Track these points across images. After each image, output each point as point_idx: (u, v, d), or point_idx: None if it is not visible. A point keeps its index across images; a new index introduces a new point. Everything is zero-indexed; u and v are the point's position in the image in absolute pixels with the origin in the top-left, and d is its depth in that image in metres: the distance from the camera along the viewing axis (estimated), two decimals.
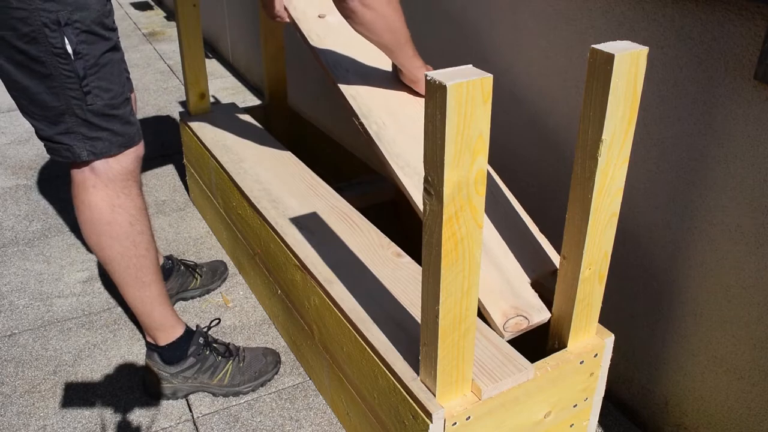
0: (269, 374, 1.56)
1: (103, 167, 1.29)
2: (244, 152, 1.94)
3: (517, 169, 1.65)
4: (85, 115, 1.23)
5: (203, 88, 2.17)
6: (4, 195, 2.42)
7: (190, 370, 1.50)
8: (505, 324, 1.13)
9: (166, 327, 1.48)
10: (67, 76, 1.19)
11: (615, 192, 1.04)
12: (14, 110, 3.19)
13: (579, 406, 1.24)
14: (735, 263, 1.16)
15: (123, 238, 1.34)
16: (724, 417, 1.26)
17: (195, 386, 1.52)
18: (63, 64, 1.17)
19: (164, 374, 1.50)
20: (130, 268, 1.38)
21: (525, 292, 1.19)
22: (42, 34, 1.14)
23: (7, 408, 1.50)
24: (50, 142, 1.26)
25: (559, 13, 1.40)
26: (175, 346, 1.49)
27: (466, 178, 0.87)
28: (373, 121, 1.31)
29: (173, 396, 1.52)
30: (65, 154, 1.27)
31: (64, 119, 1.23)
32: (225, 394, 1.52)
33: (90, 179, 1.30)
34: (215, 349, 1.53)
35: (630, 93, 0.95)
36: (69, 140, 1.25)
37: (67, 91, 1.20)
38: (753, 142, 1.08)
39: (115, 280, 1.41)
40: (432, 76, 0.81)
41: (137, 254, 1.37)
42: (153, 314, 1.45)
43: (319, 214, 1.60)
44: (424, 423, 1.05)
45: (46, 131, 1.25)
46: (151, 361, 1.51)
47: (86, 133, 1.25)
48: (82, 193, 1.31)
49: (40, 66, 1.17)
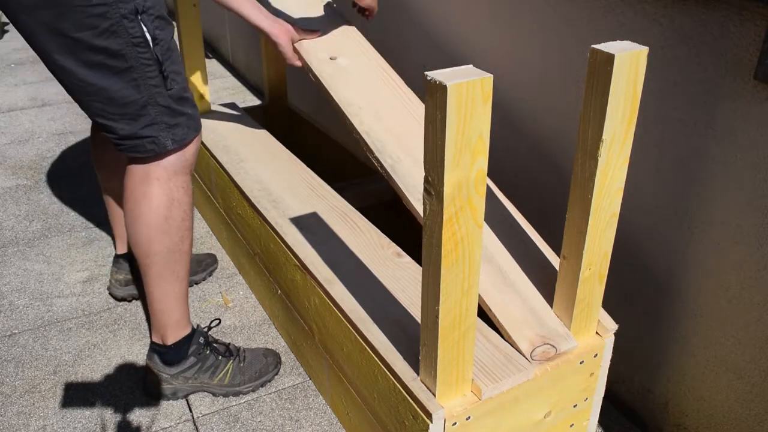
0: (270, 374, 1.56)
1: (170, 160, 1.31)
2: (244, 152, 1.94)
3: (518, 169, 1.65)
4: (167, 102, 1.25)
5: (203, 88, 2.17)
6: (4, 195, 2.42)
7: (190, 370, 1.50)
8: (533, 352, 1.13)
9: (180, 325, 1.47)
10: (147, 65, 1.21)
11: (615, 192, 1.04)
12: (14, 110, 3.20)
13: (579, 406, 1.24)
14: (735, 263, 1.16)
15: (174, 233, 1.35)
16: (724, 417, 1.26)
17: (195, 386, 1.52)
18: (142, 53, 1.20)
19: (165, 375, 1.49)
20: (170, 262, 1.38)
21: (550, 321, 1.18)
22: (121, 26, 1.16)
23: (7, 408, 1.50)
24: (132, 140, 1.27)
25: (559, 13, 1.40)
26: (177, 347, 1.48)
27: (466, 178, 0.87)
28: (388, 155, 1.35)
29: (173, 396, 1.51)
30: (150, 147, 1.27)
31: (147, 111, 1.24)
32: (225, 394, 1.52)
33: (155, 171, 1.31)
34: (215, 349, 1.53)
35: (630, 93, 0.95)
36: (153, 132, 1.26)
37: (148, 81, 1.22)
38: (753, 142, 1.08)
39: (150, 275, 1.39)
40: (432, 76, 0.81)
41: (182, 250, 1.38)
42: (174, 311, 1.44)
43: (319, 214, 1.60)
44: (424, 423, 1.05)
45: (127, 129, 1.25)
46: (151, 363, 1.50)
47: (168, 121, 1.27)
48: (144, 184, 1.31)
49: (119, 61, 1.19)
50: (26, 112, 3.20)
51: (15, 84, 3.56)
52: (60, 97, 3.34)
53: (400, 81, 1.59)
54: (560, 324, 1.18)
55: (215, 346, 1.54)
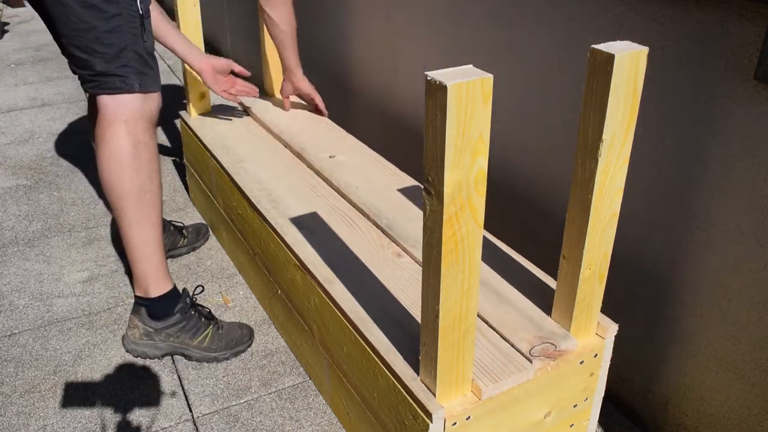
0: (243, 345, 1.63)
1: (135, 104, 1.45)
2: (244, 152, 1.94)
3: (517, 169, 1.65)
4: (141, 51, 1.43)
5: (203, 88, 2.17)
6: (4, 195, 2.42)
7: (174, 328, 1.57)
8: (532, 350, 1.13)
9: (160, 277, 1.55)
10: (132, 16, 1.39)
11: (615, 192, 1.04)
12: (14, 110, 3.20)
13: (579, 406, 1.24)
14: (735, 263, 1.16)
15: (143, 171, 1.46)
16: (724, 417, 1.26)
17: (175, 346, 1.58)
18: (131, 5, 1.39)
19: (149, 329, 1.56)
20: (143, 203, 1.47)
21: (547, 325, 1.20)
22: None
23: (7, 408, 1.50)
24: (104, 76, 1.41)
25: (559, 12, 1.40)
26: (164, 301, 1.55)
27: (467, 178, 0.87)
28: (384, 216, 1.56)
29: (152, 353, 1.57)
30: (119, 84, 1.42)
31: (124, 54, 1.41)
32: (200, 358, 1.58)
33: (122, 114, 1.44)
34: (200, 311, 1.62)
35: (630, 93, 0.95)
36: (125, 72, 1.42)
37: (131, 29, 1.40)
38: (753, 142, 1.08)
39: (125, 218, 1.48)
40: (432, 76, 0.81)
41: (152, 190, 1.48)
42: (153, 258, 1.52)
43: (319, 214, 1.60)
44: (424, 423, 1.05)
45: (103, 66, 1.40)
46: (137, 316, 1.56)
47: (139, 68, 1.43)
48: (113, 126, 1.44)
49: (112, 6, 1.36)
50: (26, 112, 3.20)
51: (15, 84, 3.56)
52: (60, 97, 3.34)
53: (393, 167, 1.82)
54: (558, 326, 1.19)
55: (199, 308, 1.63)
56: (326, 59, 2.60)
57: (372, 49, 2.21)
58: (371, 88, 2.30)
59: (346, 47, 2.42)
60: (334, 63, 2.55)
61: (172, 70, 3.76)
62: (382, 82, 2.20)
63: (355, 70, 2.39)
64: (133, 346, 1.57)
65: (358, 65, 2.36)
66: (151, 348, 1.57)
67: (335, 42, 2.49)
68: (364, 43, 2.28)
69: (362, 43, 2.29)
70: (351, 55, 2.40)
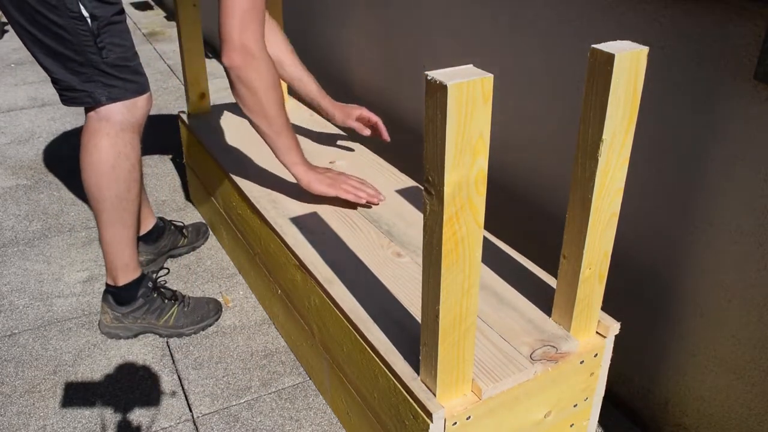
0: (210, 319, 1.74)
1: (117, 118, 1.49)
2: (244, 152, 1.94)
3: (517, 169, 1.65)
4: (102, 67, 1.44)
5: (203, 88, 2.17)
6: (4, 195, 2.42)
7: (139, 311, 1.67)
8: (533, 354, 1.13)
9: (129, 268, 1.64)
10: (84, 36, 1.40)
11: (615, 192, 1.04)
12: (14, 110, 3.20)
13: (579, 406, 1.24)
14: (735, 263, 1.17)
15: (121, 182, 1.53)
16: (724, 417, 1.26)
17: (144, 326, 1.69)
18: (80, 25, 1.39)
19: (117, 314, 1.67)
20: (119, 209, 1.56)
21: (548, 326, 1.20)
22: (62, 3, 1.35)
23: (7, 408, 1.50)
24: (73, 91, 1.46)
25: (560, 12, 1.40)
26: (128, 288, 1.66)
27: (467, 178, 0.87)
28: (384, 222, 1.57)
29: (124, 335, 1.69)
30: (86, 99, 1.47)
31: (84, 69, 1.44)
32: (169, 335, 1.70)
33: (105, 128, 1.49)
34: (162, 293, 1.71)
35: (630, 93, 0.95)
36: (90, 87, 1.45)
37: (85, 48, 1.41)
38: (753, 142, 1.08)
39: (101, 219, 1.57)
40: (432, 75, 0.81)
41: (128, 198, 1.56)
42: (124, 253, 1.62)
43: (319, 214, 1.60)
44: (425, 423, 1.05)
45: (69, 81, 1.45)
46: (105, 303, 1.68)
47: (104, 81, 1.46)
48: (95, 137, 1.50)
49: (61, 30, 1.38)
50: (26, 112, 3.20)
51: (15, 84, 3.56)
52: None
53: (395, 169, 1.82)
54: (559, 328, 1.19)
55: (162, 290, 1.72)
56: (326, 59, 2.60)
57: (372, 49, 2.21)
58: (371, 87, 2.30)
59: (346, 47, 2.42)
60: (334, 63, 2.55)
61: (172, 70, 3.76)
62: (383, 82, 2.20)
63: (356, 70, 2.40)
64: (107, 330, 1.70)
65: (359, 65, 2.36)
66: (123, 330, 1.69)
67: (335, 42, 2.49)
68: (364, 43, 2.28)
69: (362, 44, 2.29)
70: (351, 56, 2.40)
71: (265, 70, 1.41)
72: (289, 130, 1.51)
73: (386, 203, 1.65)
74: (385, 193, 1.69)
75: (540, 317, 1.22)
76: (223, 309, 1.82)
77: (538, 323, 1.21)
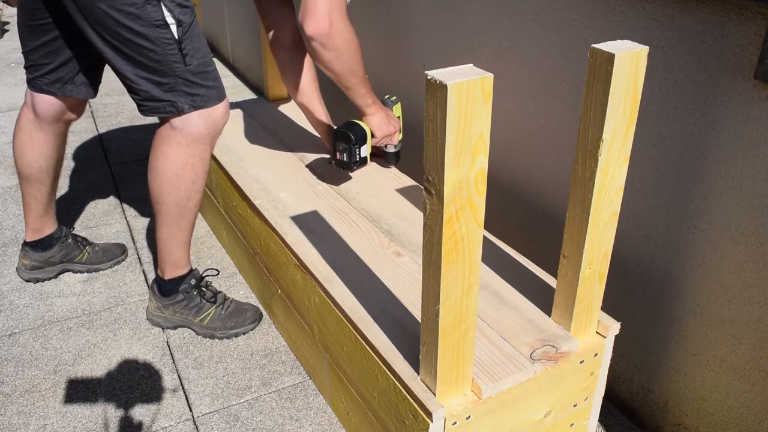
0: (245, 327, 1.73)
1: (191, 129, 1.50)
2: (244, 152, 1.94)
3: (518, 169, 1.65)
4: (185, 75, 1.44)
5: None
6: (4, 195, 2.42)
7: (178, 305, 1.71)
8: (533, 353, 1.13)
9: (177, 266, 1.68)
10: (168, 44, 1.40)
11: (615, 191, 1.04)
12: (14, 110, 3.20)
13: (579, 406, 1.24)
14: (735, 263, 1.17)
15: (182, 191, 1.55)
16: (724, 417, 1.26)
17: (182, 320, 1.73)
18: (163, 33, 1.39)
19: (159, 304, 1.72)
20: (176, 214, 1.59)
21: (548, 327, 1.20)
22: (145, 11, 1.35)
23: (7, 407, 1.50)
24: (155, 101, 1.46)
25: (560, 13, 1.40)
26: (172, 282, 1.69)
27: (467, 178, 0.87)
28: (384, 222, 1.58)
29: (165, 324, 1.73)
30: (169, 109, 1.47)
31: (168, 79, 1.43)
32: (204, 335, 1.72)
33: (177, 137, 1.50)
34: (203, 293, 1.73)
35: (630, 93, 0.95)
36: (173, 97, 1.45)
37: (168, 56, 1.41)
38: (753, 142, 1.08)
39: (159, 219, 1.61)
40: (432, 75, 0.81)
41: (188, 206, 1.59)
42: (174, 252, 1.66)
43: (319, 214, 1.60)
44: (425, 422, 1.05)
45: (150, 91, 1.44)
46: (152, 292, 1.73)
47: (186, 89, 1.46)
48: (164, 144, 1.51)
49: (143, 39, 1.38)
50: None
51: (15, 84, 3.56)
52: None
53: (395, 169, 1.83)
54: (559, 328, 1.19)
55: (204, 290, 1.73)
56: None
57: (372, 49, 2.21)
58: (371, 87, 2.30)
59: None
60: None
61: None
62: (383, 82, 2.20)
63: None
64: (151, 317, 1.75)
65: None
66: (164, 320, 1.73)
67: None
68: (363, 43, 2.28)
69: (362, 44, 2.29)
70: None
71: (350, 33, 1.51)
72: (366, 78, 1.63)
73: (386, 203, 1.65)
74: (385, 193, 1.70)
75: (540, 317, 1.22)
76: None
77: (538, 323, 1.21)
